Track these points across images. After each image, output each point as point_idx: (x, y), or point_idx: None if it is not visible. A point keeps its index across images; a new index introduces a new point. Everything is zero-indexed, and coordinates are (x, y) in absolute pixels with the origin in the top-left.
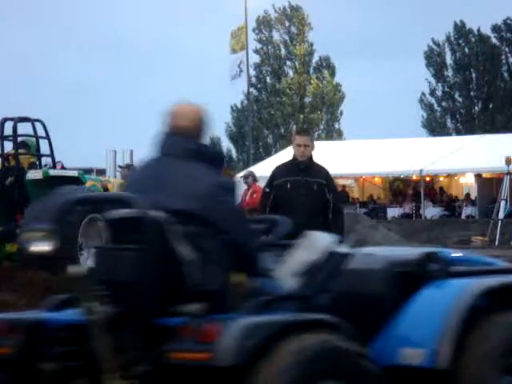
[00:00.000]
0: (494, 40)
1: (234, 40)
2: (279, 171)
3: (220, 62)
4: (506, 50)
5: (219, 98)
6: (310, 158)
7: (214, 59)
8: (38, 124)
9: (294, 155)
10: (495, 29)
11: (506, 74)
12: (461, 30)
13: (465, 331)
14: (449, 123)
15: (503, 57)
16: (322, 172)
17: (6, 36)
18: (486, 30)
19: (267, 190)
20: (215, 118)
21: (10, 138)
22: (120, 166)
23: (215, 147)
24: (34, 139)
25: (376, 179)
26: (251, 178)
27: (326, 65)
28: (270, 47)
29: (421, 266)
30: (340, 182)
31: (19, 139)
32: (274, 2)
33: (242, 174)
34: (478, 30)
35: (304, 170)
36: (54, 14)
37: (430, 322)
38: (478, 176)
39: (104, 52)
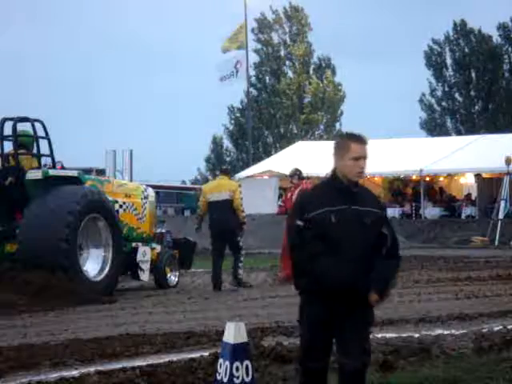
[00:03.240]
0: (495, 39)
1: (229, 39)
2: (315, 196)
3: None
4: (510, 49)
5: (219, 98)
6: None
7: (214, 59)
8: (37, 124)
9: (336, 174)
10: (501, 27)
11: (506, 74)
12: (461, 29)
13: None
14: (449, 123)
15: (505, 56)
16: (374, 198)
17: (5, 35)
18: (488, 29)
19: (299, 223)
20: (216, 118)
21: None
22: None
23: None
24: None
25: (376, 179)
26: (296, 177)
27: (327, 65)
28: (269, 48)
29: None
30: None
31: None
32: (274, 2)
33: (288, 173)
34: (479, 30)
35: (352, 195)
36: (54, 13)
37: None
38: (478, 176)
39: (104, 52)
